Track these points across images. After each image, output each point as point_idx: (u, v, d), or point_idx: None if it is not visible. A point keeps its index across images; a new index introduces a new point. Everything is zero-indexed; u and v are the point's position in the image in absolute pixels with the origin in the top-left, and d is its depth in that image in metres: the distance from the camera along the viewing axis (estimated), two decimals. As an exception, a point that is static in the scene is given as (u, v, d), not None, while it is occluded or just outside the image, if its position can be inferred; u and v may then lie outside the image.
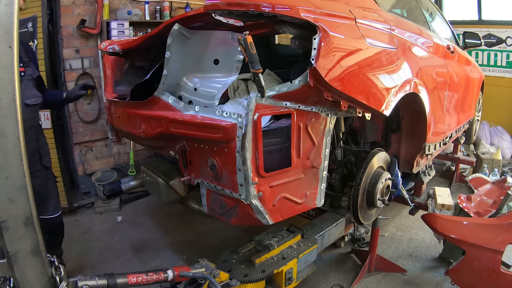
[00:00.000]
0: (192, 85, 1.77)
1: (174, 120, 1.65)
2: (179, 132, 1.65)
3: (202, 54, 1.75)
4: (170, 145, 1.85)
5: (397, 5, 2.86)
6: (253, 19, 1.52)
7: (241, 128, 1.42)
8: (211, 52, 1.73)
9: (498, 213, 2.48)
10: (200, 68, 1.77)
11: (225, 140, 1.48)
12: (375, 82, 1.69)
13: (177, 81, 1.78)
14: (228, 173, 1.53)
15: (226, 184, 1.57)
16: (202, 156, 1.65)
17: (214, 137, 1.51)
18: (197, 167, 1.72)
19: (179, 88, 1.79)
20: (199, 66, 1.77)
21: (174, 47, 1.71)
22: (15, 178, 1.05)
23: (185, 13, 1.99)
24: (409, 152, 2.55)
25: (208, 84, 1.74)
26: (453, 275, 2.15)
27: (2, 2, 0.97)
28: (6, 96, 1.01)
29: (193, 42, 1.74)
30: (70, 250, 2.70)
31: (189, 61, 1.76)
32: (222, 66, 1.72)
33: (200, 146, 1.64)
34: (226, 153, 1.50)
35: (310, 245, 1.94)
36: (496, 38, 4.12)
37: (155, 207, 3.69)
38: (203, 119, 1.56)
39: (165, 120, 1.69)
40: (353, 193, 2.04)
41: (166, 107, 1.70)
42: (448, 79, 2.86)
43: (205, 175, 1.68)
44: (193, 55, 1.76)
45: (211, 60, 1.73)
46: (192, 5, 4.37)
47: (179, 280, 1.59)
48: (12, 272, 1.09)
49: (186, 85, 1.78)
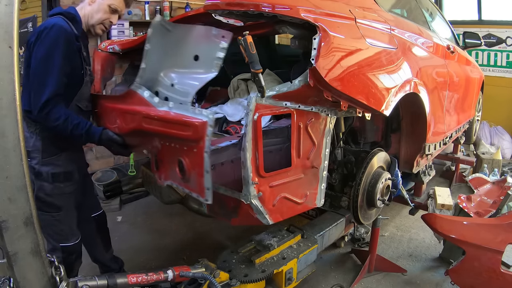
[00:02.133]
0: (169, 81, 1.68)
1: (147, 115, 1.58)
2: (151, 128, 1.58)
3: (183, 49, 1.66)
4: (143, 143, 1.78)
5: (397, 5, 2.86)
6: (253, 19, 1.52)
7: (211, 127, 1.36)
8: (191, 47, 1.64)
9: (498, 213, 2.48)
10: (179, 63, 1.68)
11: (194, 139, 1.41)
12: (375, 82, 1.69)
13: (155, 75, 1.70)
14: (196, 175, 1.47)
15: (194, 188, 1.51)
16: (172, 156, 1.58)
17: (183, 135, 1.44)
18: (167, 167, 1.65)
19: (157, 83, 1.70)
20: (179, 61, 1.68)
21: (154, 39, 1.64)
22: (15, 178, 1.04)
23: (185, 13, 1.99)
24: (409, 152, 2.55)
25: (186, 81, 1.65)
26: (453, 275, 2.15)
27: (2, 2, 0.97)
28: (6, 96, 1.01)
29: (174, 35, 1.67)
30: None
31: (168, 55, 1.69)
32: (202, 63, 1.61)
33: (171, 145, 1.57)
34: (195, 154, 1.43)
35: (310, 245, 1.94)
36: (496, 38, 4.12)
37: (155, 207, 3.69)
38: (175, 115, 1.48)
39: (138, 115, 1.62)
40: (353, 193, 2.04)
41: (141, 102, 1.61)
42: (448, 79, 2.86)
43: (174, 176, 1.61)
44: (173, 49, 1.68)
45: (191, 56, 1.64)
46: (192, 5, 4.38)
47: (179, 280, 1.59)
48: (12, 272, 1.09)
49: (164, 80, 1.69)
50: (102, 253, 2.33)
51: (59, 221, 1.86)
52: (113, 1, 1.86)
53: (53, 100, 1.65)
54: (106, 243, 2.35)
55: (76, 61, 1.80)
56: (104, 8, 1.86)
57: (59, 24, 1.67)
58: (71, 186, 1.89)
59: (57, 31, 1.65)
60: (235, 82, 2.66)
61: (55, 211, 1.83)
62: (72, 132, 1.71)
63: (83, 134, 1.73)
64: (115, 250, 2.43)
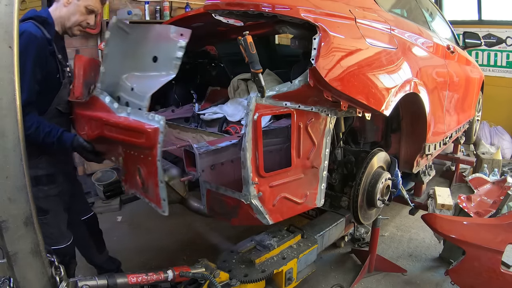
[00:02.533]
0: (129, 85, 1.60)
1: (107, 122, 1.53)
2: (112, 136, 1.53)
3: (141, 51, 1.59)
4: (110, 150, 1.74)
5: (397, 5, 2.86)
6: (253, 19, 1.52)
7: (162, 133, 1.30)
8: (150, 49, 1.57)
9: (498, 213, 2.48)
10: (139, 66, 1.61)
11: (147, 146, 1.35)
12: (375, 82, 1.69)
13: (116, 80, 1.64)
14: (152, 185, 1.41)
15: (152, 198, 1.46)
16: (133, 164, 1.52)
17: (138, 142, 1.39)
18: (130, 176, 1.60)
19: (118, 87, 1.64)
20: (138, 63, 1.61)
21: (112, 42, 1.59)
22: (15, 178, 1.05)
23: (185, 13, 1.99)
24: (409, 152, 2.55)
25: (144, 84, 1.55)
26: (453, 275, 2.15)
27: (2, 2, 0.97)
28: (6, 96, 1.01)
29: (132, 37, 1.61)
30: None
31: (128, 58, 1.62)
32: (161, 64, 1.52)
33: (131, 152, 1.52)
34: (150, 162, 1.38)
35: (310, 245, 1.94)
36: (496, 38, 4.12)
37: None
38: (130, 122, 1.42)
39: (100, 122, 1.58)
40: (353, 193, 2.04)
41: (103, 108, 1.57)
42: (448, 79, 2.86)
43: (136, 185, 1.56)
44: (133, 52, 1.62)
45: (150, 57, 1.56)
46: (192, 5, 4.38)
47: (179, 280, 1.58)
48: (12, 272, 1.09)
49: (125, 84, 1.62)
50: (97, 255, 2.32)
51: (47, 224, 1.83)
52: (89, 2, 1.83)
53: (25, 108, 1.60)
54: (99, 245, 2.34)
55: (51, 65, 1.77)
56: (80, 10, 1.83)
57: (29, 31, 1.64)
58: (55, 189, 1.87)
59: (26, 39, 1.61)
60: (235, 82, 2.66)
61: (42, 214, 1.79)
62: (44, 140, 1.69)
63: (54, 142, 1.71)
64: (115, 250, 2.43)
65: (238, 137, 1.92)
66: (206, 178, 1.72)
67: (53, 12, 1.82)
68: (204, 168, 1.74)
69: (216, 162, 1.77)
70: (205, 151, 1.74)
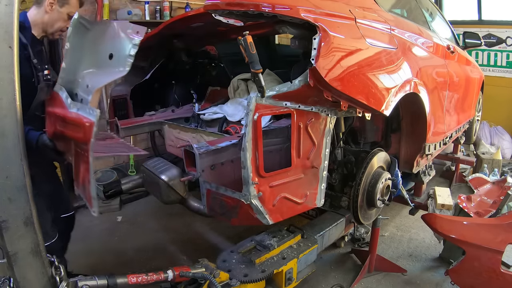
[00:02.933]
0: (85, 82, 1.56)
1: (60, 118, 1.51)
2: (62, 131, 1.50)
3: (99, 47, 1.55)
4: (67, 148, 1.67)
5: (397, 5, 2.86)
6: (253, 19, 1.52)
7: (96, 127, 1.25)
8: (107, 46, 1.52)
9: (498, 213, 2.48)
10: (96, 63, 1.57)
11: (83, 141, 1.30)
12: (375, 82, 1.69)
13: (75, 76, 1.61)
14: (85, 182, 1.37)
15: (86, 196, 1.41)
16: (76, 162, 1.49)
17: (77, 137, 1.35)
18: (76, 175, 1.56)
19: (76, 84, 1.60)
20: (96, 60, 1.57)
21: (73, 38, 1.56)
22: (15, 178, 1.05)
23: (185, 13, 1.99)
24: (409, 152, 2.54)
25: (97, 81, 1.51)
26: (453, 275, 2.15)
27: (2, 2, 0.97)
28: (6, 96, 1.01)
29: (92, 34, 1.58)
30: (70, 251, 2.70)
31: (87, 54, 1.59)
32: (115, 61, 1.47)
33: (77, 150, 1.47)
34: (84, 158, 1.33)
35: (310, 245, 1.94)
36: (496, 38, 4.12)
37: (155, 207, 3.69)
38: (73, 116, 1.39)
39: (56, 118, 1.57)
40: (353, 193, 2.04)
41: (60, 104, 1.54)
42: (448, 79, 2.86)
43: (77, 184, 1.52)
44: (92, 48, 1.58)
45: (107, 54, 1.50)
46: (192, 5, 4.37)
47: (179, 280, 1.58)
48: (12, 272, 1.09)
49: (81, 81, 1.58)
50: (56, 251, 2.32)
51: None
52: (72, 9, 1.88)
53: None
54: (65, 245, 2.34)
55: (25, 71, 1.71)
56: (63, 17, 1.88)
57: None
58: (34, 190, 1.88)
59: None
60: (235, 82, 2.66)
61: None
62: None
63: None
64: (115, 250, 2.44)
65: (238, 137, 1.92)
66: (206, 178, 1.72)
67: (32, 16, 1.84)
68: (204, 168, 1.74)
69: (216, 162, 1.77)
70: (205, 151, 1.74)
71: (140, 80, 2.84)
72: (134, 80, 2.89)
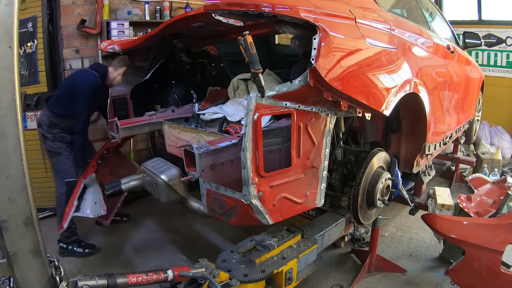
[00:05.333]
0: None
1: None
2: None
3: None
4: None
5: (397, 5, 2.86)
6: (253, 19, 1.52)
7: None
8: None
9: (498, 213, 2.48)
10: None
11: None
12: (375, 82, 1.69)
13: None
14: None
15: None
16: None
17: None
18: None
19: None
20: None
21: None
22: (15, 178, 1.04)
23: (185, 13, 1.99)
24: (409, 152, 2.54)
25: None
26: (453, 275, 2.15)
27: (2, 2, 0.97)
28: (6, 96, 1.01)
29: None
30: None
31: None
32: None
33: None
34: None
35: (310, 245, 1.93)
36: (496, 38, 4.12)
37: (155, 207, 3.69)
38: None
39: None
40: (353, 193, 2.04)
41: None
42: (448, 79, 2.86)
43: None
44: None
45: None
46: (192, 5, 4.37)
47: (179, 280, 1.58)
48: (12, 272, 1.09)
49: None
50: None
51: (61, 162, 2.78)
52: (124, 69, 2.90)
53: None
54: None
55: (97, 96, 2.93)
56: (121, 75, 2.90)
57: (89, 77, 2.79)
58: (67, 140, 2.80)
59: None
60: (235, 82, 2.66)
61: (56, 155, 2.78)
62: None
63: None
64: (115, 250, 2.43)
65: (238, 137, 1.92)
66: (206, 178, 1.72)
67: (109, 73, 2.87)
68: (204, 168, 1.74)
69: (216, 162, 1.77)
70: (205, 151, 1.74)
71: (140, 80, 2.84)
72: (134, 80, 2.89)
